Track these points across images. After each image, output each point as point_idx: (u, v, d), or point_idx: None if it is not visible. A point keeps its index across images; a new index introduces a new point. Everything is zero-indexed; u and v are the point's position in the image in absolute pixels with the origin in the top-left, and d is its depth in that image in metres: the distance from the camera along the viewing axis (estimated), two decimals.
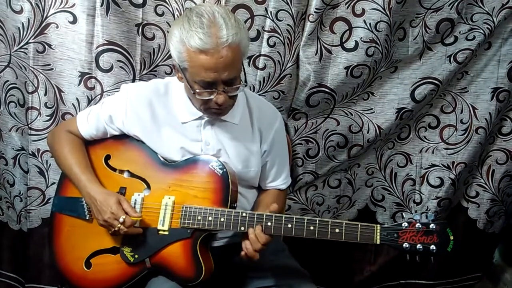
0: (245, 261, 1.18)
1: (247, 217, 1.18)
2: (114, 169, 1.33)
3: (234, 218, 1.18)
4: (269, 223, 1.17)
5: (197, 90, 1.15)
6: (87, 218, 1.30)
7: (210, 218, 1.19)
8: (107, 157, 1.34)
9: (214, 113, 1.23)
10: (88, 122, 1.33)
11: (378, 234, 1.12)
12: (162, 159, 1.29)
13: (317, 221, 1.15)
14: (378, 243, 1.12)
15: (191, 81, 1.16)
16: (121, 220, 1.18)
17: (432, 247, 1.10)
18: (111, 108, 1.31)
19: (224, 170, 1.23)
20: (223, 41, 1.08)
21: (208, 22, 1.09)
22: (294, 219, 1.16)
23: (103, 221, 1.21)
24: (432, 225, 1.11)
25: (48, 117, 1.59)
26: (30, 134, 1.61)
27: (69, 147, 1.32)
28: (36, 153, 1.62)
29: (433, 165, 1.80)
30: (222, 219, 1.19)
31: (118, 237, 1.25)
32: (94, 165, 1.33)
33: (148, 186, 1.28)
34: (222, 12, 1.12)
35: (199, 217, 1.20)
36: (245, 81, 1.56)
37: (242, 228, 1.18)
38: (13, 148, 1.65)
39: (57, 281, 1.70)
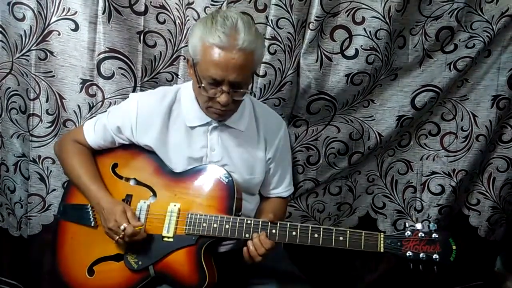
0: (247, 263, 1.19)
1: (252, 225, 1.19)
2: (121, 177, 1.34)
3: (239, 225, 1.19)
4: (273, 230, 1.18)
5: (203, 85, 1.18)
6: (92, 224, 1.30)
7: (215, 225, 1.20)
8: (115, 166, 1.35)
9: (215, 113, 1.24)
10: (95, 132, 1.34)
11: (382, 242, 1.13)
12: (169, 167, 1.30)
13: (321, 229, 1.16)
14: (382, 251, 1.12)
15: (200, 76, 1.19)
16: (122, 227, 1.18)
17: (435, 256, 1.10)
18: (118, 118, 1.32)
19: (230, 178, 1.24)
20: (239, 43, 1.12)
21: (231, 24, 1.13)
22: (299, 226, 1.17)
23: (108, 229, 1.22)
24: (434, 235, 1.11)
25: (50, 124, 1.60)
26: (31, 141, 1.61)
27: (77, 157, 1.33)
28: (37, 160, 1.63)
29: (434, 173, 1.80)
30: (227, 226, 1.19)
31: (122, 244, 1.25)
32: (101, 173, 1.34)
33: (154, 194, 1.29)
34: (246, 21, 1.16)
35: (204, 224, 1.21)
36: (251, 89, 1.58)
37: (247, 235, 1.18)
38: (14, 155, 1.65)
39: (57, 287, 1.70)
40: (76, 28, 1.51)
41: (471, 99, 1.73)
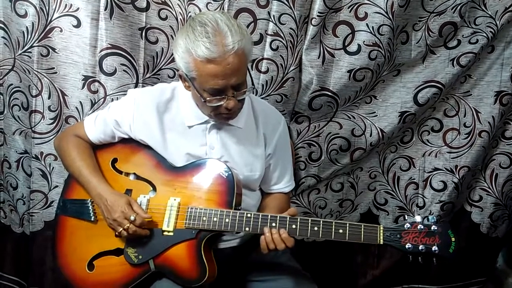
0: (263, 252, 1.19)
1: (252, 218, 1.19)
2: (121, 172, 1.34)
3: (239, 219, 1.20)
4: (273, 224, 1.18)
5: (207, 98, 1.18)
6: (92, 219, 1.31)
7: (215, 219, 1.20)
8: (114, 161, 1.36)
9: (224, 117, 1.25)
10: (96, 126, 1.35)
11: (381, 234, 1.13)
12: (168, 162, 1.31)
13: (321, 221, 1.17)
14: (381, 243, 1.13)
15: (200, 90, 1.18)
16: (132, 218, 1.19)
17: (434, 248, 1.10)
18: (117, 113, 1.33)
19: (229, 172, 1.24)
20: (229, 48, 1.10)
21: (213, 30, 1.11)
22: (299, 220, 1.18)
23: (113, 220, 1.22)
24: (433, 227, 1.12)
25: (52, 121, 1.60)
26: (33, 138, 1.61)
27: (77, 150, 1.34)
28: (39, 156, 1.63)
29: (436, 169, 1.80)
30: (227, 220, 1.20)
31: (122, 238, 1.26)
32: (101, 168, 1.34)
33: (154, 188, 1.30)
34: (225, 19, 1.14)
35: (204, 218, 1.21)
36: (252, 84, 1.57)
37: (247, 229, 1.19)
38: (16, 151, 1.66)
39: (59, 284, 1.70)
40: (78, 25, 1.50)
41: (474, 95, 1.73)
